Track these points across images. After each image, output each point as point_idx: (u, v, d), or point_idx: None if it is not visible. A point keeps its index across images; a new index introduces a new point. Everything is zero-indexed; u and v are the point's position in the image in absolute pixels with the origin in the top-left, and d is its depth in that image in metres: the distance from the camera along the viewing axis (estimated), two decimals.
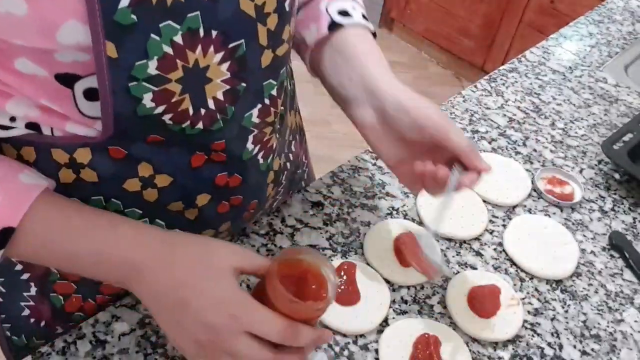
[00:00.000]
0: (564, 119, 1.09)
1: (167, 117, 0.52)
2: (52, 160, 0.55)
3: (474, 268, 0.81)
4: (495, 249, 0.84)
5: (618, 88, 1.19)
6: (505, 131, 1.04)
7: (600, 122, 1.10)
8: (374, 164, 0.92)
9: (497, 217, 0.88)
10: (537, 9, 2.48)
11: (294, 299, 0.52)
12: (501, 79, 1.16)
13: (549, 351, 0.73)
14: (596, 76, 1.21)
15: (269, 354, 0.52)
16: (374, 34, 0.73)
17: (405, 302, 0.75)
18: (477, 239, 0.84)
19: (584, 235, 0.88)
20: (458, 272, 0.79)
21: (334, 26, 0.69)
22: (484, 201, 0.89)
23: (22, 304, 0.71)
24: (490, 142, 1.01)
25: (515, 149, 1.01)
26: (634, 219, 0.92)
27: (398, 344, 0.69)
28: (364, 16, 0.72)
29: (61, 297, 0.69)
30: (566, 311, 0.78)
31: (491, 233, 0.86)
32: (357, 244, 0.80)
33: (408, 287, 0.77)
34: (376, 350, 0.70)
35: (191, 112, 0.53)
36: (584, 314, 0.78)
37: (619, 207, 0.94)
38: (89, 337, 0.66)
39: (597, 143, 1.05)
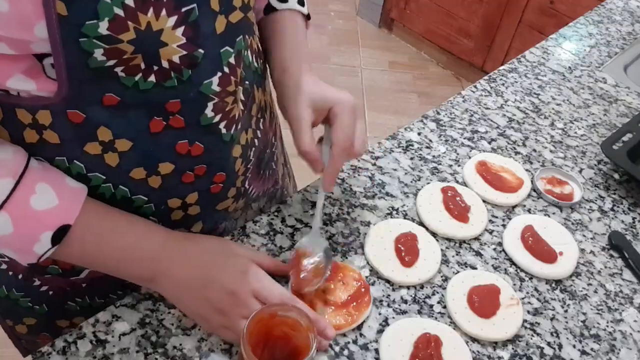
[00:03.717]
0: (564, 119, 1.09)
1: (119, 70, 0.54)
2: (17, 120, 0.57)
3: (474, 268, 0.81)
4: (494, 249, 0.84)
5: (617, 88, 1.19)
6: (504, 131, 1.04)
7: (600, 122, 1.10)
8: (374, 164, 0.92)
9: (496, 217, 0.88)
10: (536, 9, 2.48)
11: None
12: (501, 79, 1.16)
13: (548, 351, 0.73)
14: (596, 76, 1.21)
15: None
16: (308, 16, 0.83)
17: (405, 302, 0.75)
18: (476, 238, 0.85)
19: (584, 235, 0.89)
20: (458, 272, 0.79)
21: (269, 10, 0.79)
22: (484, 201, 0.89)
23: None
24: (490, 142, 1.01)
25: (515, 149, 1.01)
26: (634, 219, 0.93)
27: (398, 343, 0.70)
28: (300, 0, 0.81)
29: None
30: (566, 311, 0.78)
31: (491, 233, 0.86)
32: (357, 244, 0.80)
33: (408, 287, 0.77)
34: (376, 350, 0.70)
35: (143, 67, 0.55)
36: (584, 313, 0.78)
37: (618, 207, 0.94)
38: (90, 336, 0.66)
39: (596, 143, 1.05)
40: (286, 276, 0.73)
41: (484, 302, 0.75)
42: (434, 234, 0.83)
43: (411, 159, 0.95)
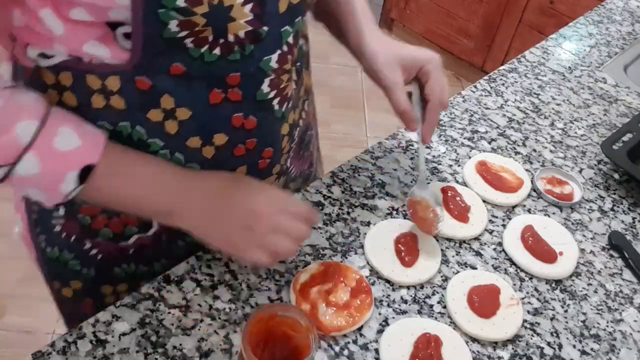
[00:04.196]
0: (564, 119, 1.09)
1: (188, 41, 0.57)
2: (86, 86, 0.61)
3: (474, 268, 0.81)
4: (494, 249, 0.84)
5: (617, 88, 1.19)
6: (504, 131, 1.04)
7: (600, 122, 1.10)
8: (374, 164, 0.92)
9: (496, 217, 0.88)
10: (536, 9, 2.48)
11: None
12: (501, 79, 1.16)
13: (548, 351, 0.73)
14: (595, 76, 1.21)
15: (302, 225, 0.66)
16: None
17: (405, 301, 0.75)
18: (476, 238, 0.85)
19: (584, 235, 0.89)
20: (458, 272, 0.79)
21: None
22: (484, 201, 0.89)
23: (53, 221, 0.75)
24: (490, 142, 1.01)
25: (515, 149, 1.01)
26: (634, 219, 0.93)
27: (398, 343, 0.70)
28: None
29: (88, 217, 0.73)
30: (566, 311, 0.78)
31: (491, 233, 0.86)
32: (357, 244, 0.80)
33: (408, 287, 0.77)
34: (376, 350, 0.70)
35: (210, 39, 0.58)
36: (584, 313, 0.78)
37: (618, 207, 0.94)
38: (90, 336, 0.66)
39: (596, 143, 1.05)
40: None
41: (484, 302, 0.75)
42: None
43: (411, 159, 0.95)
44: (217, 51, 0.59)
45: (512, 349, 0.73)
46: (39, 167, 0.58)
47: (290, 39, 0.65)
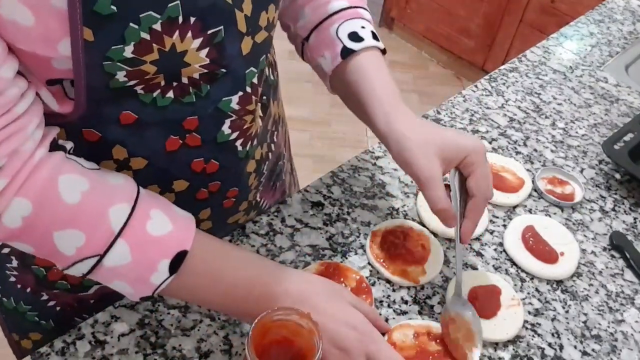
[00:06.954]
0: (565, 118, 1.09)
1: (138, 88, 0.54)
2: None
3: (475, 268, 0.80)
4: (495, 249, 0.84)
5: (619, 88, 1.18)
6: (505, 131, 1.04)
7: (601, 122, 1.09)
8: (374, 164, 0.92)
9: (497, 217, 0.88)
10: (537, 8, 2.48)
11: None
12: (502, 79, 1.16)
13: (549, 351, 0.73)
14: (597, 76, 1.21)
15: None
16: (384, 50, 0.75)
17: (406, 302, 0.75)
18: (477, 239, 0.84)
19: (585, 236, 0.88)
20: None
21: (346, 52, 0.71)
22: None
23: (7, 272, 0.72)
24: (490, 142, 1.01)
25: (516, 148, 1.01)
26: (635, 219, 0.92)
27: (400, 344, 0.69)
28: (373, 34, 0.74)
29: (43, 269, 0.70)
30: (567, 311, 0.78)
31: (491, 233, 0.85)
32: (357, 244, 0.80)
33: (408, 287, 0.76)
34: None
35: (163, 84, 0.54)
36: (585, 314, 0.78)
37: (619, 207, 0.94)
38: (88, 337, 0.66)
39: (597, 143, 1.05)
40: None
41: (485, 302, 0.74)
42: (434, 234, 0.83)
43: None
44: (170, 94, 0.55)
45: (513, 349, 0.72)
46: (130, 255, 0.53)
47: (255, 79, 0.61)
